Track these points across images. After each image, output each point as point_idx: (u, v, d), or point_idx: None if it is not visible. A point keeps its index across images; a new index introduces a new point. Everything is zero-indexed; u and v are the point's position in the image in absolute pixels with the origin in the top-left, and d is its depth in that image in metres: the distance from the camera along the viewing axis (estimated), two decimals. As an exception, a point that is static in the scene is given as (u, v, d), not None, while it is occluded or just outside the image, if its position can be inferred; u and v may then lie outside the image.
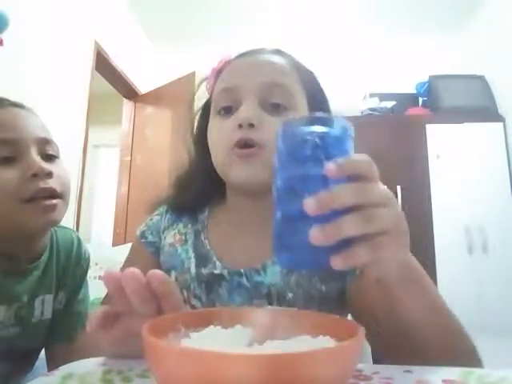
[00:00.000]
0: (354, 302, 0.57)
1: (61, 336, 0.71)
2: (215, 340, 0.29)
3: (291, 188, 0.32)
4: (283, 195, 0.33)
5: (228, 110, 0.58)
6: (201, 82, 0.69)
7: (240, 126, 0.54)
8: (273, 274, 0.57)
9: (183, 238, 0.66)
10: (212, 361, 0.22)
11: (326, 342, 0.29)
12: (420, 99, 3.16)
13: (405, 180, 2.82)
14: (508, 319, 2.49)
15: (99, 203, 4.59)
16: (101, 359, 0.39)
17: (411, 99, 3.13)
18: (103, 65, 2.69)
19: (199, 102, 0.70)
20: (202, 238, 0.64)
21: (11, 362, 0.64)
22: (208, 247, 0.63)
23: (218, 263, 0.60)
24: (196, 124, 0.69)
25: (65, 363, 0.38)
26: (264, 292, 0.57)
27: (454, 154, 2.86)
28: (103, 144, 4.59)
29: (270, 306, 0.41)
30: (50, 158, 0.66)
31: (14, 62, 1.75)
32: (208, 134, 0.62)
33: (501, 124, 2.89)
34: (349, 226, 0.30)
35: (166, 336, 0.29)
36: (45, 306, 0.69)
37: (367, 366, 0.36)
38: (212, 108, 0.62)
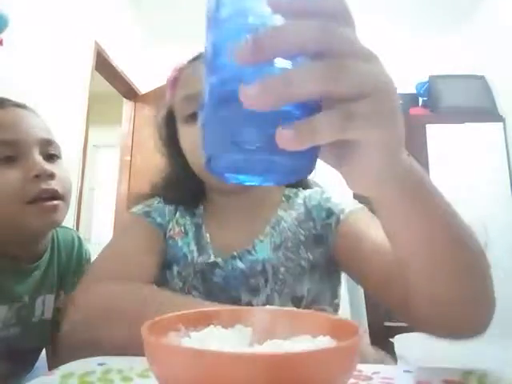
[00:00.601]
0: (343, 257, 0.59)
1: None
2: (215, 340, 0.29)
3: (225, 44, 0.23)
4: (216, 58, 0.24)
5: (194, 117, 0.58)
6: (160, 97, 0.69)
7: None
8: (263, 250, 0.60)
9: (182, 229, 0.65)
10: (212, 361, 0.22)
11: (326, 341, 0.29)
12: (420, 99, 3.16)
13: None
14: (508, 319, 2.49)
15: (99, 203, 4.59)
16: (101, 359, 0.39)
17: (411, 99, 3.13)
18: (103, 65, 2.69)
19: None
20: (203, 231, 0.65)
21: (11, 361, 0.64)
22: (209, 240, 0.63)
23: (212, 253, 0.62)
24: (163, 132, 0.69)
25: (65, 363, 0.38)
26: (259, 269, 0.59)
27: (454, 154, 2.86)
28: (103, 144, 4.59)
29: (269, 306, 0.41)
30: (51, 158, 0.66)
31: (13, 62, 1.75)
32: (181, 143, 0.62)
33: (501, 124, 2.89)
34: (303, 75, 0.20)
35: (165, 336, 0.29)
36: (46, 306, 0.69)
37: (367, 366, 0.36)
38: (178, 116, 0.62)
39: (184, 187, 0.67)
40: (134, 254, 0.58)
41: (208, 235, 0.64)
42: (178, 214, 0.67)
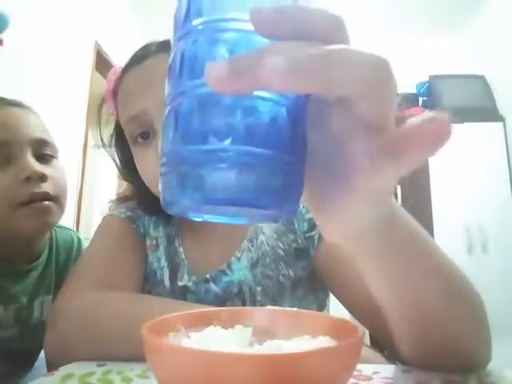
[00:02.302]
0: (325, 277, 0.53)
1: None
2: (215, 340, 0.29)
3: (190, 63, 0.20)
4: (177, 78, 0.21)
5: (144, 136, 0.51)
6: (100, 108, 0.62)
7: None
8: (239, 270, 0.55)
9: (154, 242, 0.59)
10: (212, 361, 0.22)
11: (325, 341, 0.29)
12: (420, 99, 3.16)
13: (405, 180, 2.82)
14: (508, 319, 2.49)
15: (99, 203, 4.59)
16: (101, 359, 0.39)
17: (411, 99, 3.13)
18: (103, 65, 2.68)
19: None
20: (177, 244, 0.59)
21: (11, 362, 0.64)
22: (183, 256, 0.57)
23: (185, 274, 0.56)
24: (115, 151, 0.62)
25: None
26: (235, 291, 0.54)
27: (454, 154, 2.86)
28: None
29: (269, 306, 0.40)
30: (46, 158, 0.64)
31: (14, 62, 1.75)
32: (137, 166, 0.54)
33: (501, 124, 2.89)
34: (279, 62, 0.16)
35: (166, 336, 0.29)
36: (44, 307, 0.68)
37: (367, 365, 0.36)
38: (127, 137, 0.54)
39: (153, 202, 0.58)
40: (121, 261, 0.53)
41: (182, 249, 0.58)
42: (151, 224, 0.60)
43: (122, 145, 0.58)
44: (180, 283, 0.55)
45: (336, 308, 0.64)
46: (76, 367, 0.37)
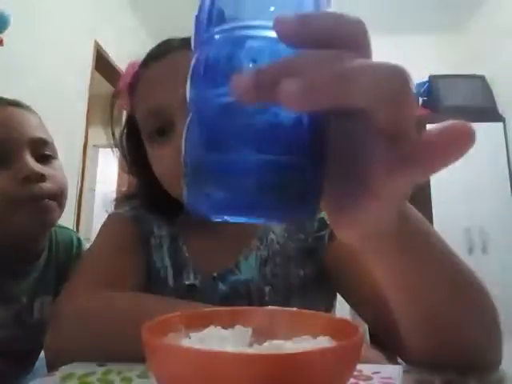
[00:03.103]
0: (333, 276, 0.53)
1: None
2: (215, 340, 0.29)
3: (212, 73, 0.21)
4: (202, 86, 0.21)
5: (161, 133, 0.50)
6: (112, 102, 0.60)
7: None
8: (247, 269, 0.54)
9: (157, 241, 0.58)
10: (212, 361, 0.22)
11: (325, 342, 0.28)
12: (420, 99, 3.16)
13: (405, 180, 2.82)
14: (508, 320, 2.49)
15: (99, 203, 4.59)
16: (101, 360, 0.39)
17: (411, 99, 3.13)
18: (103, 65, 2.69)
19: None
20: (180, 243, 0.58)
21: (11, 362, 0.64)
22: (186, 255, 0.56)
23: (191, 273, 0.55)
24: (126, 147, 0.60)
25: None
26: (242, 291, 0.53)
27: (454, 154, 2.86)
28: (103, 144, 4.59)
29: (269, 306, 0.40)
30: (45, 159, 0.64)
31: (14, 62, 1.75)
32: (150, 161, 0.53)
33: (501, 124, 2.89)
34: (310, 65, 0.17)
35: (165, 336, 0.29)
36: (44, 308, 0.68)
37: (367, 366, 0.36)
38: (142, 132, 0.53)
39: (158, 201, 0.58)
40: (123, 261, 0.53)
41: (185, 248, 0.57)
42: (155, 223, 0.59)
43: (134, 140, 0.57)
44: (186, 282, 0.55)
45: (341, 309, 0.64)
46: (76, 367, 0.37)
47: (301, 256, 0.55)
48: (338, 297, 0.61)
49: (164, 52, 0.53)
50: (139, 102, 0.53)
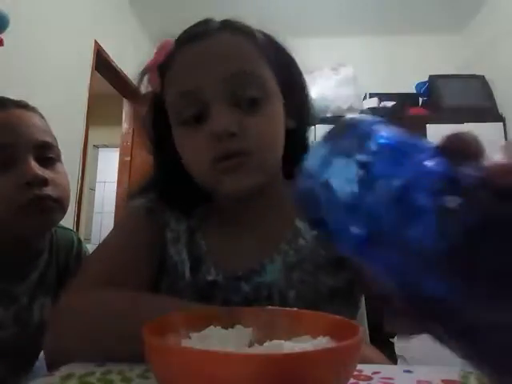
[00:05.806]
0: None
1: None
2: (215, 340, 0.29)
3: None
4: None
5: (195, 119, 0.48)
6: (141, 78, 0.57)
7: (219, 137, 0.45)
8: (273, 272, 0.52)
9: (175, 235, 0.56)
10: (212, 361, 0.22)
11: (325, 342, 0.29)
12: (420, 99, 3.16)
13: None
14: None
15: (99, 203, 4.59)
16: (101, 360, 0.39)
17: (411, 99, 3.12)
18: (103, 65, 2.68)
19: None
20: (198, 237, 0.56)
21: (11, 362, 0.64)
22: (205, 248, 0.55)
23: (212, 269, 0.53)
24: (148, 127, 0.56)
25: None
26: (265, 294, 0.52)
27: (454, 154, 2.86)
28: (103, 144, 4.59)
29: (269, 306, 0.40)
30: (49, 162, 0.64)
31: (13, 62, 1.75)
32: (178, 148, 0.51)
33: (501, 124, 2.89)
34: None
35: (166, 336, 0.29)
36: (44, 308, 0.68)
37: (367, 366, 0.36)
38: (171, 116, 0.51)
39: (180, 191, 0.56)
40: (131, 259, 0.52)
41: (204, 243, 0.55)
42: (173, 217, 0.57)
43: (158, 123, 0.54)
44: (209, 277, 0.53)
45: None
46: (76, 367, 0.37)
47: (331, 265, 0.53)
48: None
49: (203, 33, 0.50)
50: (171, 83, 0.51)
